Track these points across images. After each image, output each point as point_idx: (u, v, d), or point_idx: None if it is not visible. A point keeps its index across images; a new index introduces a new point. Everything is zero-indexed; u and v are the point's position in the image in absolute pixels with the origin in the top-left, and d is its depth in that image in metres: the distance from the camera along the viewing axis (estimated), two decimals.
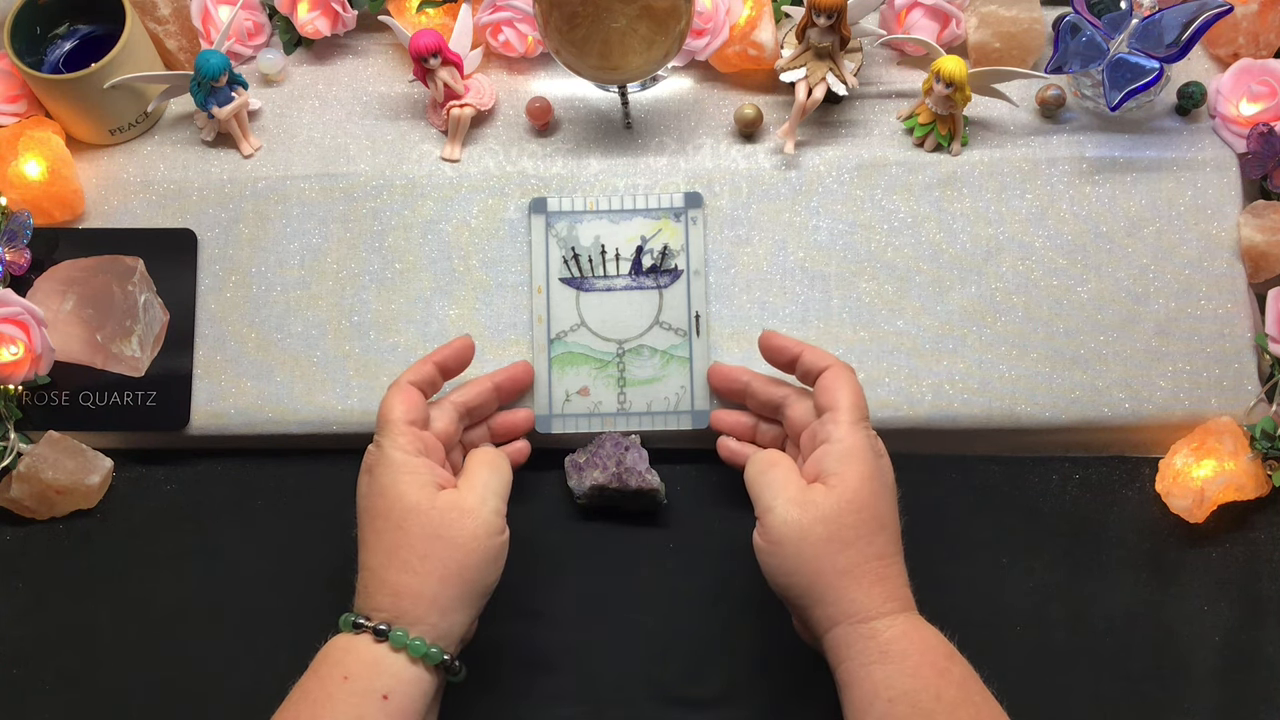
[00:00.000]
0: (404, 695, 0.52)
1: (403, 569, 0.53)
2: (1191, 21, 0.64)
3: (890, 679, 0.50)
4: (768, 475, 0.55)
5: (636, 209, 0.69)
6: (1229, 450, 0.64)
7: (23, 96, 0.72)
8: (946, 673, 0.51)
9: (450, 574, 0.53)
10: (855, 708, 0.51)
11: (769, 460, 0.56)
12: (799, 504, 0.53)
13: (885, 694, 0.50)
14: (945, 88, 0.66)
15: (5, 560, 0.68)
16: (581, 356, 0.68)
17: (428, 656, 0.52)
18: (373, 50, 0.75)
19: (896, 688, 0.50)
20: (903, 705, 0.50)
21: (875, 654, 0.51)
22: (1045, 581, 0.65)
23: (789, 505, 0.53)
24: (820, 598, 0.52)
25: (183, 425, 0.68)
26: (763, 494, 0.55)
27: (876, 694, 0.50)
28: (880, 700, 0.50)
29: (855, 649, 0.51)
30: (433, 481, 0.55)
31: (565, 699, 0.63)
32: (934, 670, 0.51)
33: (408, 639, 0.52)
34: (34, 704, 0.65)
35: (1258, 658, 0.63)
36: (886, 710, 0.50)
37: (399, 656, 0.52)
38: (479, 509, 0.54)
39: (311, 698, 0.51)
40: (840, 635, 0.52)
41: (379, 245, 0.70)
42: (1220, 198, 0.69)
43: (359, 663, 0.52)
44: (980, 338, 0.68)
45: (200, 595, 0.66)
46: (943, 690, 0.50)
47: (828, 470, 0.54)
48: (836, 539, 0.52)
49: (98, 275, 0.70)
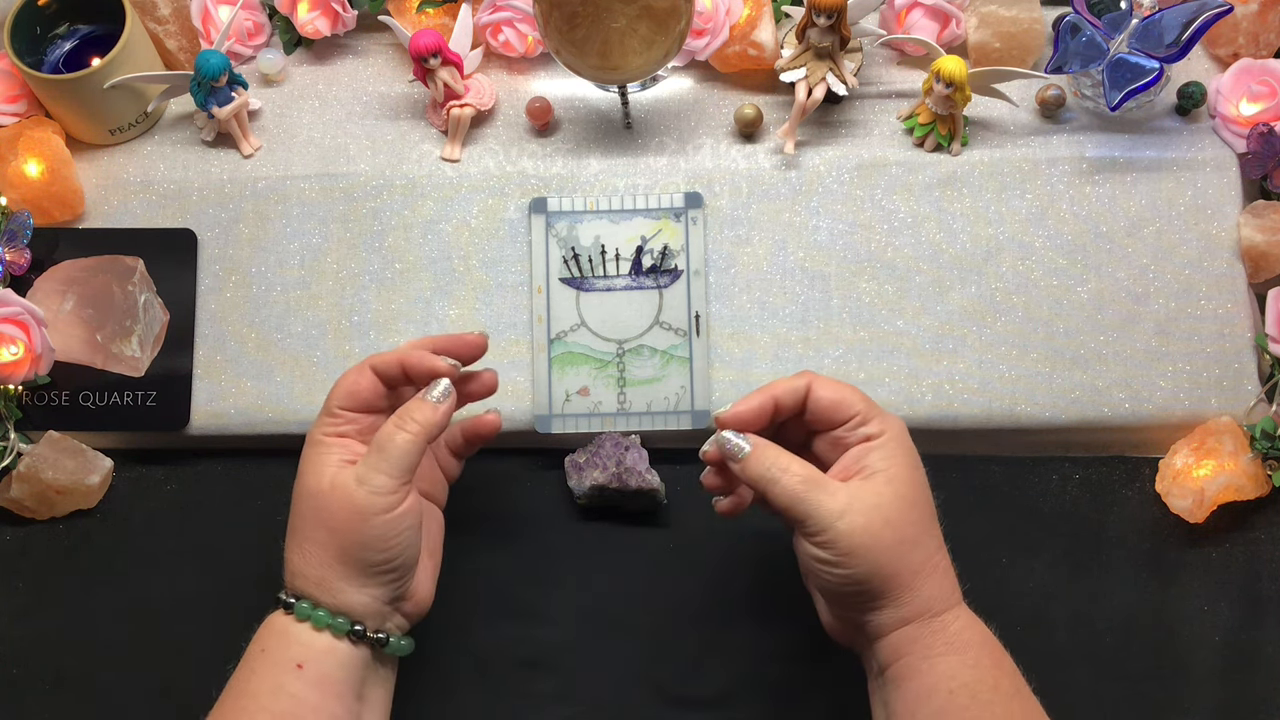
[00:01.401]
0: (318, 664, 0.52)
1: (296, 550, 0.54)
2: (1191, 21, 0.64)
3: (954, 671, 0.50)
4: (814, 495, 0.51)
5: (636, 209, 0.69)
6: (1229, 450, 0.64)
7: (23, 96, 0.72)
8: (1001, 664, 0.51)
9: (330, 556, 0.53)
10: (910, 698, 0.50)
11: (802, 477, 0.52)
12: (860, 511, 0.50)
13: (947, 685, 0.50)
14: (945, 88, 0.66)
15: (5, 560, 0.68)
16: (581, 356, 0.68)
17: (332, 627, 0.52)
18: (373, 50, 0.75)
19: (958, 679, 0.50)
20: (963, 696, 0.49)
21: (942, 646, 0.51)
22: (1045, 581, 0.65)
23: (852, 516, 0.50)
24: (895, 599, 0.51)
25: (183, 425, 0.68)
26: (815, 514, 0.51)
27: (937, 686, 0.50)
28: (940, 692, 0.50)
29: (921, 643, 0.51)
30: (342, 461, 0.54)
31: (565, 699, 0.63)
32: (991, 661, 0.51)
33: (310, 610, 0.53)
34: (34, 704, 0.65)
35: (1258, 658, 0.63)
36: (946, 702, 0.49)
37: (305, 626, 0.53)
38: (355, 490, 0.53)
39: (240, 674, 0.53)
40: (909, 632, 0.51)
41: (379, 245, 0.70)
42: (1220, 198, 0.69)
43: (273, 635, 0.53)
44: (980, 338, 0.68)
45: (200, 595, 0.66)
46: (999, 681, 0.50)
47: (873, 467, 0.52)
48: (906, 540, 0.51)
49: (98, 275, 0.70)
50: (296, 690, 0.51)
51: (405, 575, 0.54)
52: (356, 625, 0.53)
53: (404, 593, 0.55)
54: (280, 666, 0.52)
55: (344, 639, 0.53)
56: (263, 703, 0.51)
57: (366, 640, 0.53)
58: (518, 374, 0.68)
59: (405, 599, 0.55)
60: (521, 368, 0.68)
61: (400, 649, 0.55)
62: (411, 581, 0.55)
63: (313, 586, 0.53)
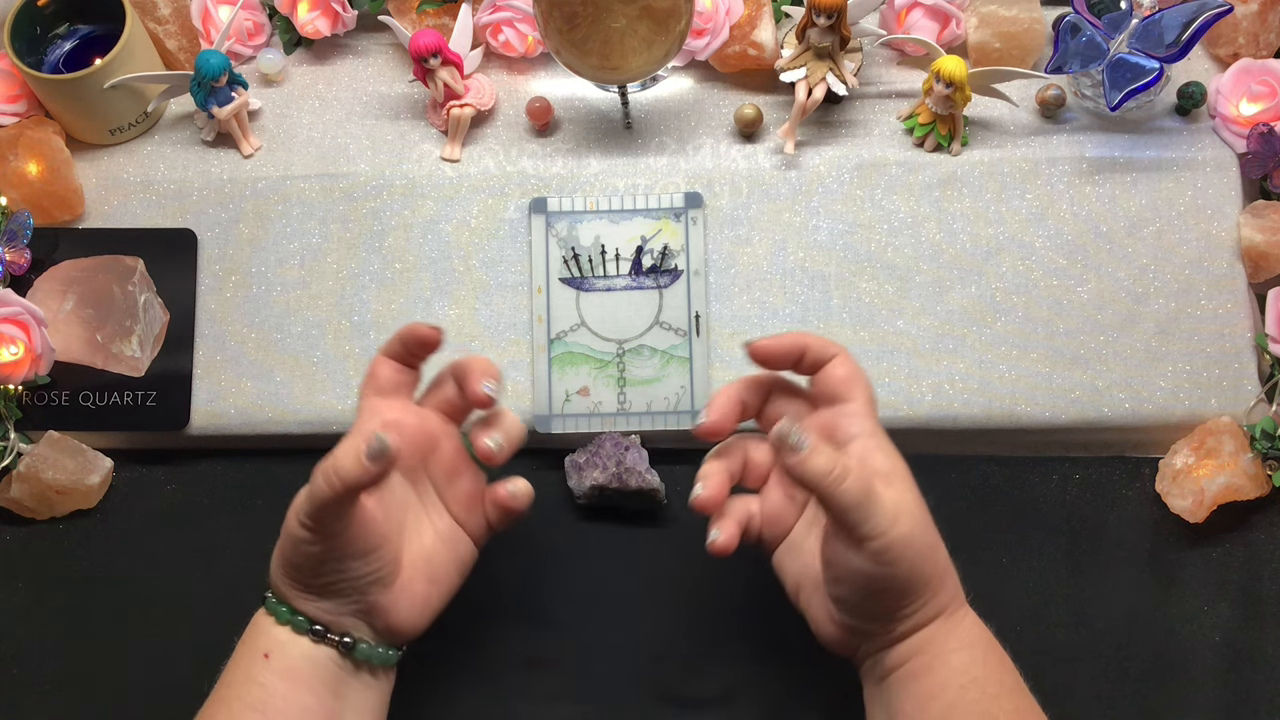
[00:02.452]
0: (283, 654, 0.52)
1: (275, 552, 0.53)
2: (1191, 21, 0.64)
3: (966, 666, 0.50)
4: (875, 496, 0.48)
5: (636, 209, 0.69)
6: (1229, 450, 0.64)
7: (23, 96, 0.72)
8: (1003, 659, 0.51)
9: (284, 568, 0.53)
10: (923, 695, 0.50)
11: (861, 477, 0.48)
12: (907, 514, 0.49)
13: (959, 680, 0.50)
14: (945, 88, 0.66)
15: (5, 560, 0.68)
16: (581, 356, 0.68)
17: (292, 624, 0.52)
18: (373, 50, 0.75)
19: (969, 674, 0.50)
20: (973, 692, 0.49)
21: (956, 642, 0.50)
22: (1045, 581, 0.65)
23: (903, 518, 0.49)
24: (922, 600, 0.50)
25: (183, 425, 0.68)
26: (875, 516, 0.48)
27: (950, 681, 0.50)
28: (953, 687, 0.50)
29: (937, 642, 0.51)
30: None
31: (565, 699, 0.63)
32: (996, 657, 0.51)
33: (276, 606, 0.53)
34: (34, 704, 0.65)
35: (1258, 658, 0.63)
36: (958, 697, 0.49)
37: (270, 619, 0.53)
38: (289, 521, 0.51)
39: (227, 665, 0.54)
40: (927, 631, 0.51)
41: (379, 245, 0.70)
42: (1220, 198, 0.69)
43: (250, 627, 0.54)
44: (980, 338, 0.68)
45: (200, 595, 0.66)
46: (1004, 677, 0.51)
47: (880, 468, 0.51)
48: (931, 541, 0.50)
49: (98, 275, 0.70)
50: (265, 680, 0.52)
51: (351, 597, 0.52)
52: (315, 625, 0.52)
53: (364, 609, 0.53)
54: (251, 657, 0.53)
55: (304, 635, 0.53)
56: (237, 691, 0.52)
57: (328, 641, 0.53)
58: (518, 374, 0.68)
59: (371, 615, 0.53)
60: (521, 368, 0.68)
61: (376, 657, 0.53)
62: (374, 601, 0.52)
63: (276, 584, 0.53)
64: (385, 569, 0.52)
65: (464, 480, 0.57)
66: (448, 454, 0.57)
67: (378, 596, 0.52)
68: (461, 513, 0.57)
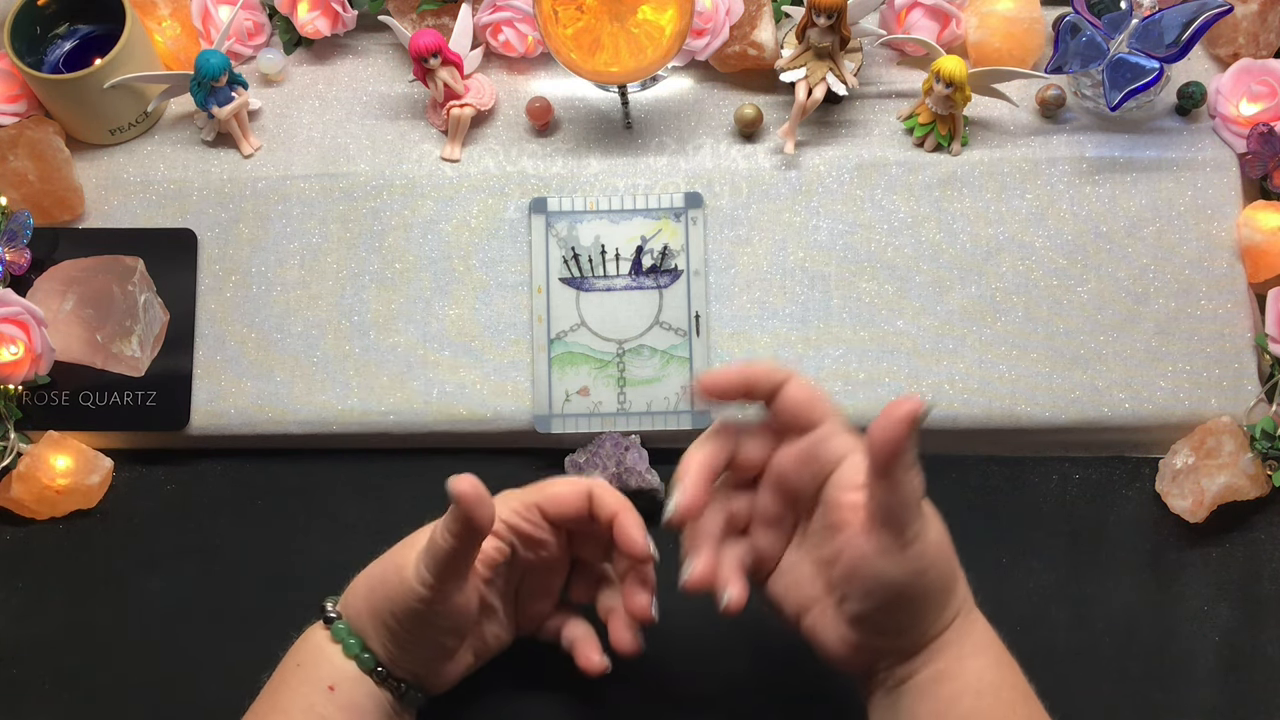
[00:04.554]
0: (350, 690, 0.52)
1: (361, 583, 0.54)
2: (1191, 21, 0.64)
3: (982, 671, 0.50)
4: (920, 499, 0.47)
5: (636, 209, 0.69)
6: (1229, 450, 0.64)
7: (23, 96, 0.72)
8: (1014, 664, 0.51)
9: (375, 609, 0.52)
10: (940, 700, 0.49)
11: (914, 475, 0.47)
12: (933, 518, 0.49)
13: (976, 686, 0.49)
14: (945, 88, 0.66)
15: (5, 560, 0.68)
16: (581, 356, 0.68)
17: (359, 659, 0.52)
18: (373, 50, 0.75)
19: (986, 679, 0.50)
20: (989, 697, 0.49)
21: (971, 646, 0.50)
22: (1045, 581, 0.65)
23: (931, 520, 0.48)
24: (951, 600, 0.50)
25: (182, 425, 0.68)
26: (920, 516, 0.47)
27: (967, 687, 0.49)
28: (969, 693, 0.49)
29: (953, 648, 0.50)
30: None
31: (565, 699, 0.63)
32: (1008, 661, 0.51)
33: (345, 634, 0.53)
34: (34, 704, 0.65)
35: (1258, 658, 0.63)
36: (974, 704, 0.49)
37: (337, 649, 0.53)
38: (404, 569, 0.52)
39: (273, 684, 0.53)
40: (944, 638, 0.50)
41: (379, 245, 0.70)
42: (1220, 198, 0.69)
43: (309, 650, 0.53)
44: (980, 338, 0.68)
45: (200, 595, 0.66)
46: (1016, 682, 0.50)
47: None
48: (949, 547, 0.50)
49: (98, 275, 0.70)
50: (327, 712, 0.51)
51: (423, 658, 0.54)
52: (379, 668, 0.53)
53: (423, 669, 0.54)
54: (313, 685, 0.52)
55: (369, 674, 0.53)
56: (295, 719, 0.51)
57: (388, 685, 0.53)
58: (517, 374, 0.68)
59: (425, 674, 0.55)
60: (521, 368, 0.68)
61: (417, 703, 0.56)
62: (437, 667, 0.55)
63: (358, 614, 0.53)
64: (459, 648, 0.55)
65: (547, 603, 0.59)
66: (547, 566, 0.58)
67: (441, 663, 0.55)
68: (526, 623, 0.59)
